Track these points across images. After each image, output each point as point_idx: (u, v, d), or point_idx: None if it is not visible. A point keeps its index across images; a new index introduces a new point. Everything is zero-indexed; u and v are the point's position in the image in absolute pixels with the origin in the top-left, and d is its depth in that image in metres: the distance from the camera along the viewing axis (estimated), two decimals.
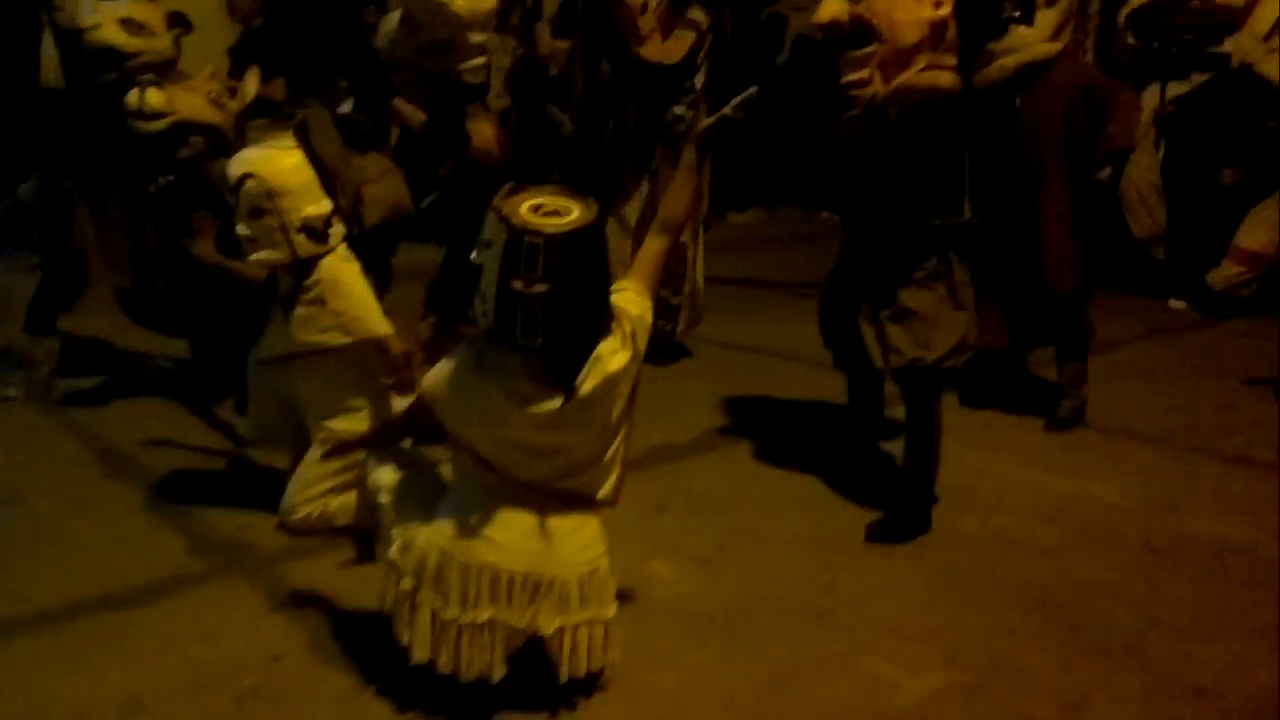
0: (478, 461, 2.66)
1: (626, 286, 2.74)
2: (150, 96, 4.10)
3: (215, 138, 4.16)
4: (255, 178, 3.35)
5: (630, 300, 2.70)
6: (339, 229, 3.51)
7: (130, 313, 4.82)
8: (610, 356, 2.60)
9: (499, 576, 2.61)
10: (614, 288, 2.70)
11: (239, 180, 3.38)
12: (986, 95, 4.42)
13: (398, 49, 5.19)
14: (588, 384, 2.57)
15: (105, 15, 4.35)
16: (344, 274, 3.48)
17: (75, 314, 4.95)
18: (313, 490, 3.45)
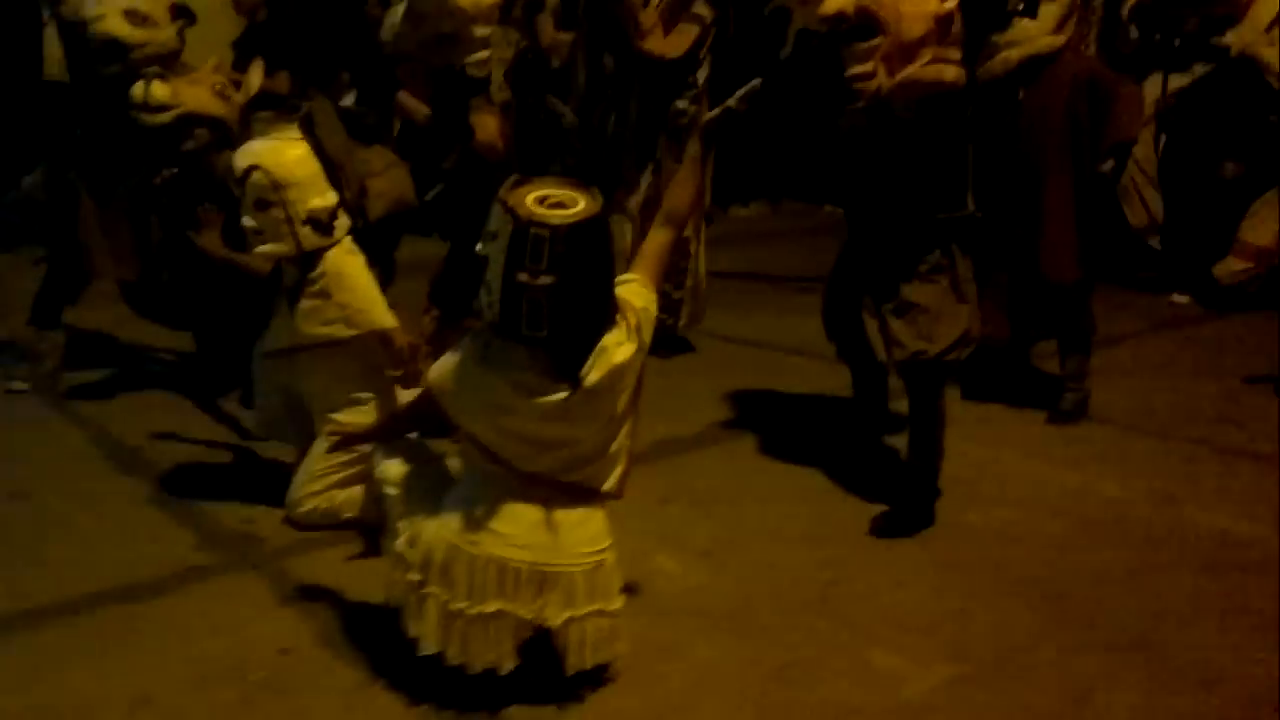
0: (484, 454, 2.67)
1: (631, 278, 2.75)
2: (155, 89, 4.09)
3: (220, 130, 4.15)
4: (261, 170, 3.37)
5: (635, 292, 2.71)
6: (344, 221, 3.52)
7: (135, 306, 4.82)
8: (616, 348, 2.61)
9: (506, 568, 2.62)
10: (619, 280, 2.71)
11: (245, 172, 3.39)
12: (990, 88, 4.42)
13: (402, 42, 5.19)
14: (593, 375, 2.58)
15: (109, 7, 4.34)
16: (349, 266, 3.49)
17: (80, 307, 4.95)
18: (319, 483, 3.48)
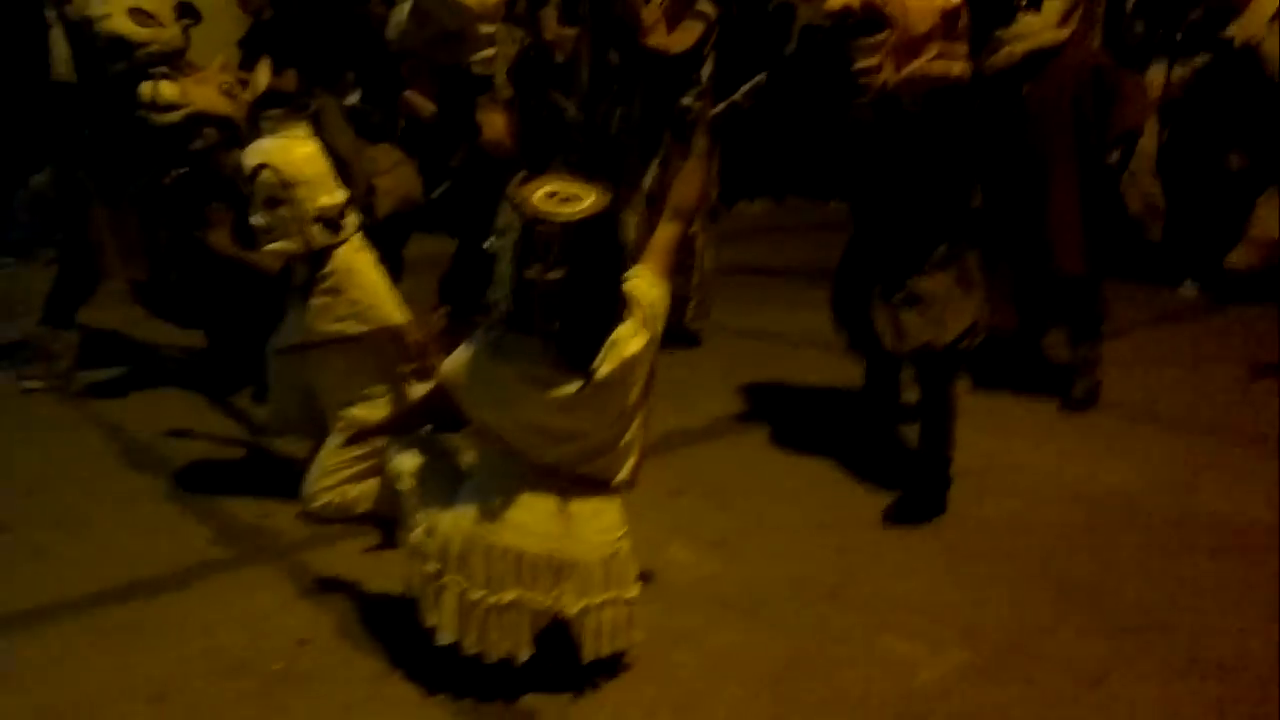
0: (498, 446, 2.69)
1: (641, 272, 2.76)
2: (164, 89, 4.12)
3: (229, 129, 4.18)
4: (270, 168, 3.38)
5: (645, 285, 2.73)
6: (353, 219, 3.53)
7: (146, 305, 4.84)
8: (627, 341, 2.63)
9: (523, 558, 2.64)
10: (629, 273, 2.72)
11: (254, 171, 3.40)
12: (995, 82, 4.43)
13: (408, 40, 5.21)
14: (605, 368, 2.59)
15: (115, 6, 4.35)
16: (359, 263, 3.50)
17: (92, 307, 4.96)
18: (333, 478, 3.48)
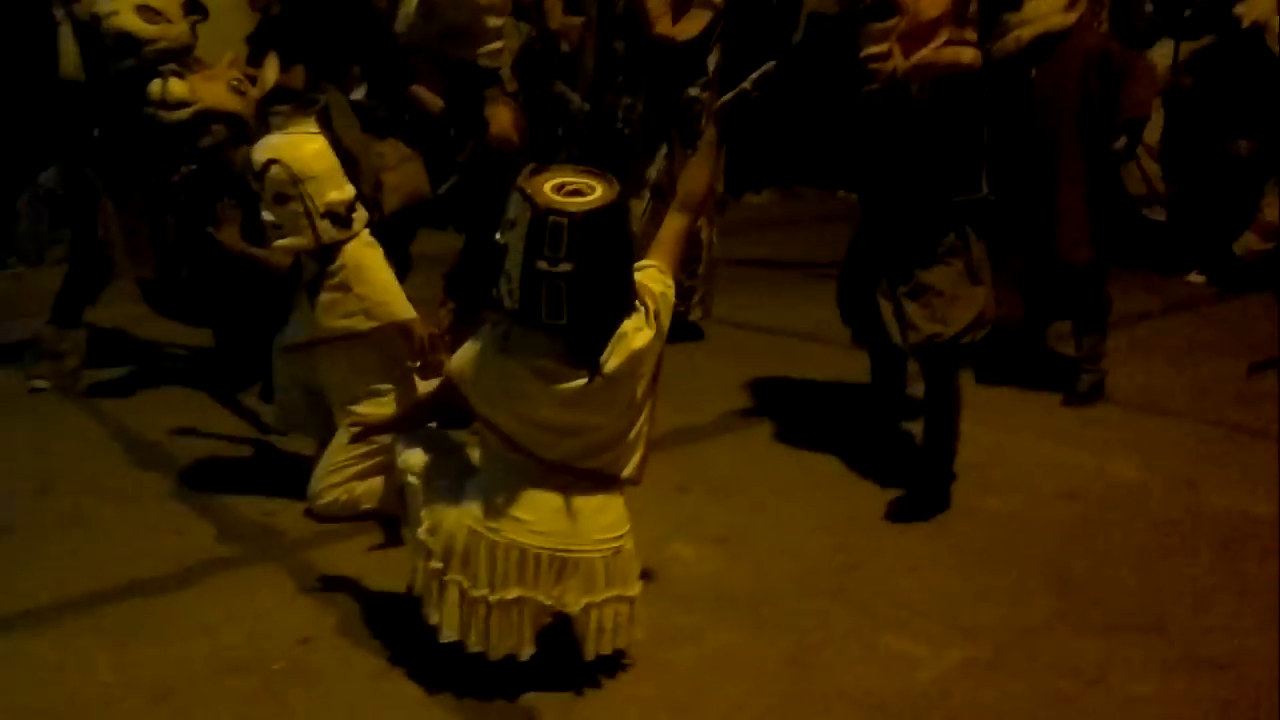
0: (504, 441, 2.69)
1: (650, 264, 2.76)
2: (173, 86, 4.13)
3: (237, 126, 4.19)
4: (280, 164, 3.39)
5: (653, 278, 2.72)
6: (362, 214, 3.55)
7: (154, 304, 4.85)
8: (634, 334, 2.62)
9: (526, 555, 2.65)
10: (636, 266, 2.72)
11: (264, 166, 3.41)
12: (1002, 67, 4.41)
13: (415, 34, 5.21)
14: (612, 361, 2.59)
15: (122, 2, 4.34)
16: (368, 259, 3.52)
17: (100, 305, 4.97)
18: (339, 475, 3.51)
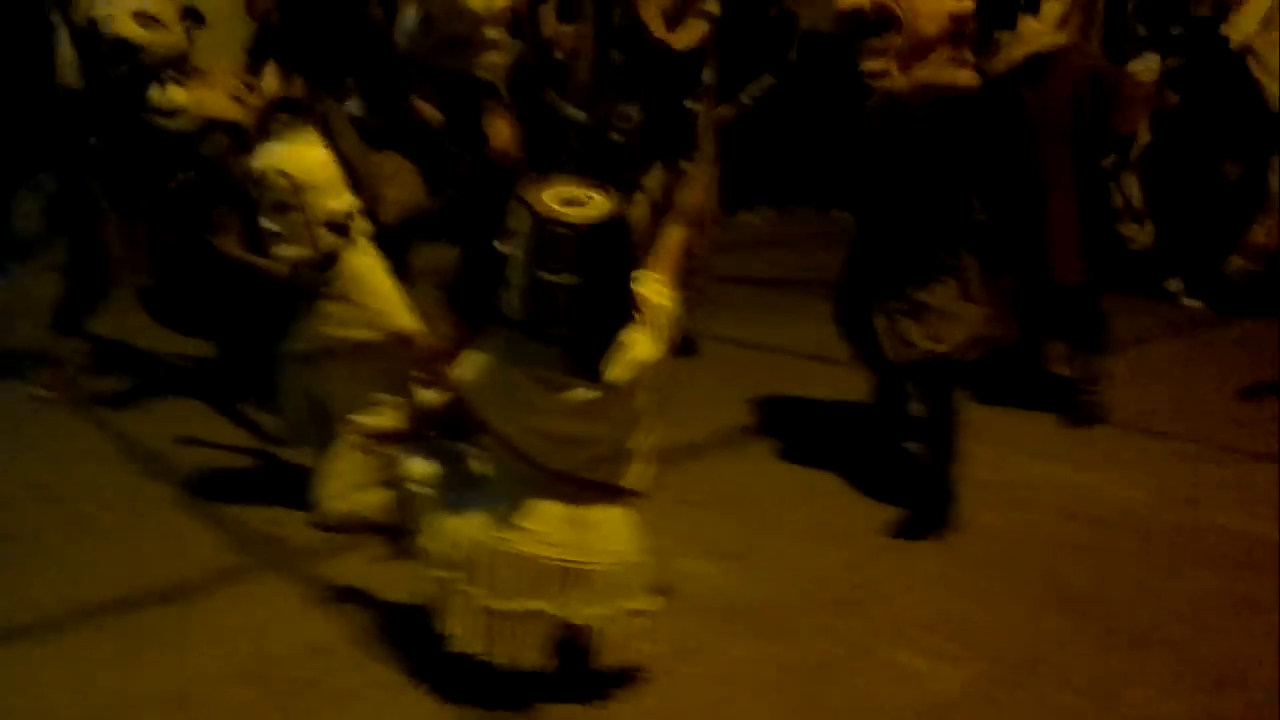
0: (509, 452, 2.68)
1: (650, 276, 2.76)
2: (173, 94, 4.12)
3: (237, 134, 4.17)
4: (280, 173, 3.38)
5: (655, 290, 2.73)
6: (362, 224, 3.53)
7: (153, 312, 4.82)
8: (637, 345, 2.63)
9: (533, 566, 2.64)
10: (639, 277, 2.71)
11: (263, 175, 3.40)
12: (993, 87, 4.42)
13: (414, 45, 5.21)
14: (614, 372, 2.60)
15: (119, 8, 4.34)
16: (368, 269, 3.51)
17: (100, 313, 4.94)
18: (343, 485, 3.48)
